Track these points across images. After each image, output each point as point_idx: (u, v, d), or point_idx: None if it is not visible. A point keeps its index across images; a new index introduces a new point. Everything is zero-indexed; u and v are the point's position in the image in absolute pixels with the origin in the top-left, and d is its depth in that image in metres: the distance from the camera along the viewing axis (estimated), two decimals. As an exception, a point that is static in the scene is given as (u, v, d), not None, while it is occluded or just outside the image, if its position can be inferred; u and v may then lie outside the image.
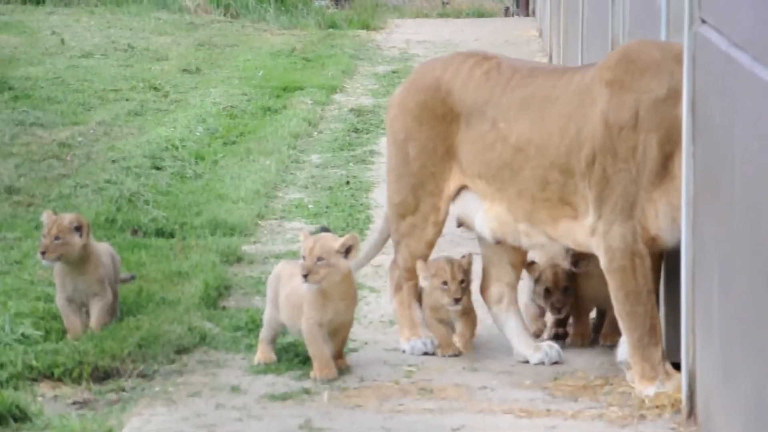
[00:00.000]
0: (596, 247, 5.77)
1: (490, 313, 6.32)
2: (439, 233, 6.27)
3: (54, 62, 14.72)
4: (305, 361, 6.14)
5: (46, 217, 6.45)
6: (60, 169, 9.91)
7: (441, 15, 21.16)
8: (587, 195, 5.76)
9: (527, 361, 6.13)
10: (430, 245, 6.24)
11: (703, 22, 5.26)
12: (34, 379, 5.95)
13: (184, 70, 14.61)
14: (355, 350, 6.33)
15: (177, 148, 10.48)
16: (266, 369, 6.03)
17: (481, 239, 6.25)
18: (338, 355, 6.02)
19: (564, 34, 12.88)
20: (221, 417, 5.57)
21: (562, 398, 5.75)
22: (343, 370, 5.98)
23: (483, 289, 6.31)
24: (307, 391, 5.82)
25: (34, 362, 6.01)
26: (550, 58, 14.75)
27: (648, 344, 5.65)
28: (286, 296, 6.00)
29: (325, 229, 6.19)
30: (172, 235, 8.25)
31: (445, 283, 6.13)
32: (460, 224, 6.29)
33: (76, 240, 6.38)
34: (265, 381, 5.89)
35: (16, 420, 5.48)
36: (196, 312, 6.69)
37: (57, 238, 6.35)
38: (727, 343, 4.80)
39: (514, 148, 5.92)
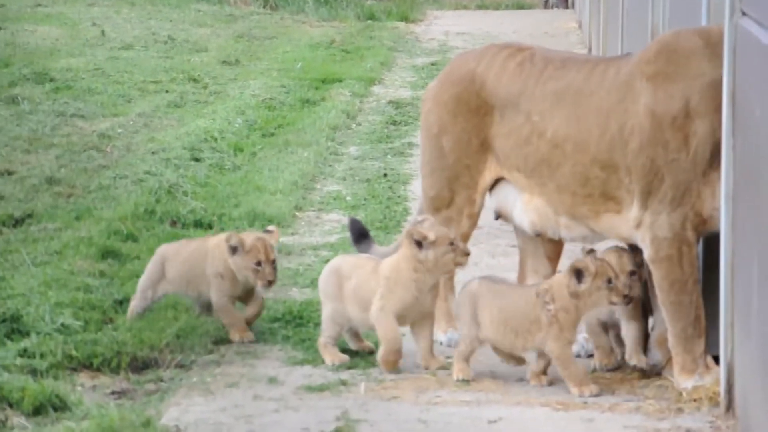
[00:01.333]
0: (641, 239, 5.74)
1: None
2: (474, 225, 6.26)
3: (94, 54, 14.80)
4: (343, 352, 6.15)
5: (253, 240, 6.25)
6: (100, 160, 9.97)
7: (480, 7, 21.12)
8: (632, 189, 5.73)
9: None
10: (466, 238, 6.21)
11: (744, 14, 5.23)
12: (74, 369, 5.99)
13: (224, 61, 14.65)
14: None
15: (216, 140, 10.51)
16: (303, 360, 6.04)
17: (518, 231, 6.24)
18: (430, 355, 5.93)
19: (603, 25, 12.82)
20: (258, 408, 5.59)
21: (599, 391, 5.73)
22: (440, 369, 5.90)
23: (519, 281, 6.31)
24: (344, 383, 5.83)
25: (73, 352, 6.05)
26: (590, 50, 14.70)
27: (691, 336, 5.62)
28: (354, 289, 5.93)
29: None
30: (210, 227, 8.28)
31: (610, 281, 5.67)
32: (498, 216, 6.27)
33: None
34: (302, 372, 5.90)
35: (56, 409, 5.52)
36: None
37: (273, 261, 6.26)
38: (766, 337, 4.77)
39: (551, 143, 5.90)
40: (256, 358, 6.11)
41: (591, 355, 6.08)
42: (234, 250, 6.26)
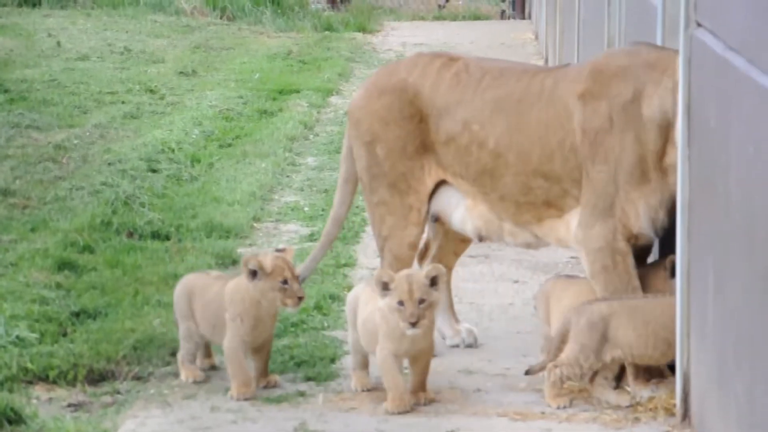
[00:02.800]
0: (579, 253, 5.86)
1: None
2: (421, 233, 6.22)
3: (50, 65, 14.72)
4: (300, 363, 6.14)
5: (273, 260, 5.76)
6: (56, 172, 9.91)
7: (437, 18, 21.17)
8: (575, 195, 5.85)
9: (444, 338, 6.34)
10: (413, 247, 6.20)
11: (699, 25, 5.27)
12: (29, 382, 5.95)
13: (181, 72, 14.61)
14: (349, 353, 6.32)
15: (173, 151, 10.47)
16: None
17: (432, 227, 6.33)
18: (420, 387, 5.70)
19: (560, 36, 12.88)
20: (216, 419, 5.57)
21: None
22: (426, 403, 5.68)
23: (420, 260, 6.40)
24: (302, 394, 5.82)
25: (29, 365, 6.00)
26: (546, 61, 14.76)
27: None
28: (362, 323, 5.79)
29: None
30: (167, 238, 8.25)
31: None
32: (435, 219, 6.27)
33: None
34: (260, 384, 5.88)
35: (10, 422, 5.48)
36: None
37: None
38: (722, 346, 4.80)
39: (493, 153, 5.97)
40: (213, 370, 6.09)
41: (469, 346, 6.29)
42: (254, 274, 5.76)
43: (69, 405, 5.78)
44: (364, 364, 5.90)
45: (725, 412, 4.71)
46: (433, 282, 5.58)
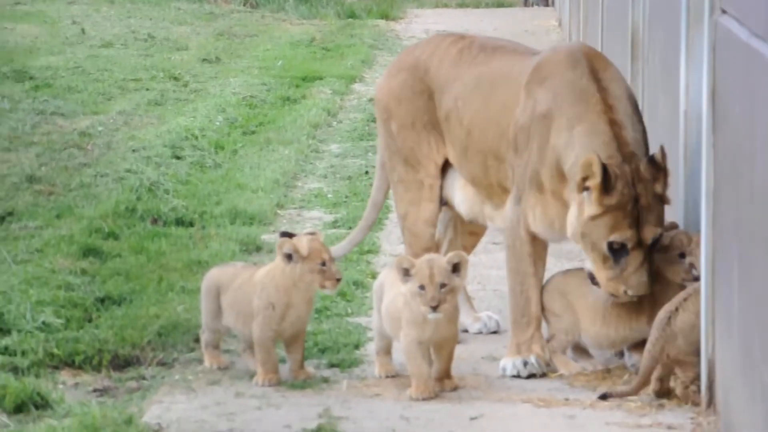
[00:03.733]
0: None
1: None
2: (435, 210, 6.27)
3: (74, 52, 14.76)
4: (324, 350, 6.16)
5: (308, 242, 5.72)
6: (80, 159, 9.95)
7: (460, 5, 21.13)
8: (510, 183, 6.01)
9: (466, 330, 6.34)
10: (429, 223, 6.26)
11: (724, 11, 5.25)
12: (55, 367, 5.98)
13: (204, 59, 14.63)
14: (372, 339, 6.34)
15: (197, 138, 10.50)
16: (284, 358, 6.03)
17: (447, 216, 6.40)
18: (445, 374, 5.69)
19: (583, 23, 12.85)
20: (241, 405, 5.59)
21: (581, 388, 5.75)
22: (450, 390, 5.68)
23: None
24: (326, 380, 5.83)
25: (55, 350, 6.04)
26: (570, 49, 14.70)
27: (520, 322, 5.89)
28: (385, 307, 5.79)
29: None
30: (191, 225, 8.27)
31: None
32: (444, 203, 6.34)
33: None
34: (284, 369, 5.90)
35: (37, 407, 5.51)
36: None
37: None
38: (747, 333, 4.79)
39: (466, 130, 6.10)
40: (237, 356, 6.11)
41: (494, 332, 6.31)
42: (289, 257, 5.73)
43: (94, 390, 5.81)
44: (387, 350, 5.90)
45: (751, 400, 4.71)
46: (455, 268, 5.59)
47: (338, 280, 5.75)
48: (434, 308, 5.53)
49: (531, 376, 5.81)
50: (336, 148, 10.67)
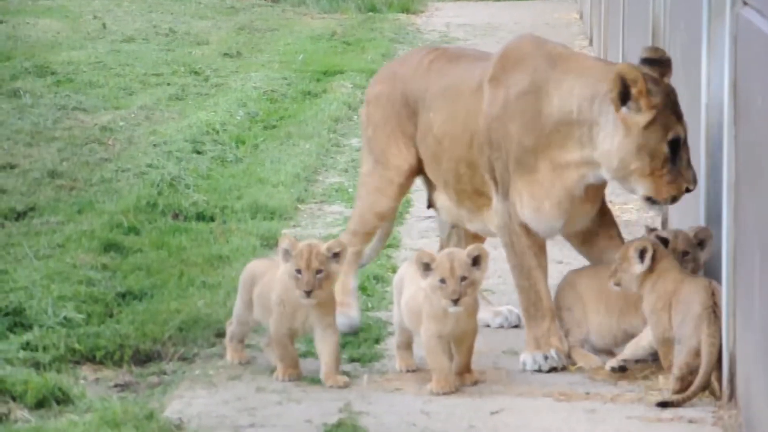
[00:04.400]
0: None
1: None
2: (392, 209, 6.45)
3: (96, 47, 14.79)
4: (344, 344, 6.16)
5: (301, 246, 5.67)
6: (102, 154, 9.97)
7: (481, -2, 21.09)
8: (490, 185, 6.10)
9: (488, 325, 6.38)
10: (380, 217, 6.44)
11: (745, 3, 5.22)
12: (77, 362, 6.00)
13: (225, 54, 14.64)
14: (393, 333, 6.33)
15: (218, 132, 10.51)
16: (305, 352, 6.03)
17: (439, 222, 6.61)
18: (465, 368, 5.68)
19: (605, 16, 12.81)
20: (261, 400, 5.60)
21: (602, 382, 5.74)
22: (471, 384, 5.67)
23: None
24: (346, 375, 5.83)
25: (76, 345, 6.05)
26: (591, 42, 14.68)
27: (534, 316, 5.91)
28: (405, 302, 5.80)
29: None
30: (212, 219, 8.28)
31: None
32: (430, 205, 6.51)
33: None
34: (304, 364, 5.90)
35: (58, 402, 5.53)
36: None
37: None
38: (768, 327, 4.77)
39: (436, 139, 6.26)
40: (258, 351, 6.11)
41: (515, 326, 6.36)
42: (287, 255, 5.71)
43: (116, 385, 5.82)
44: (408, 344, 5.90)
45: (772, 394, 4.68)
46: (475, 261, 5.59)
47: (306, 292, 5.62)
48: (455, 301, 5.52)
49: (552, 369, 5.80)
50: (357, 143, 10.67)
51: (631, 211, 8.73)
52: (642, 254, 5.65)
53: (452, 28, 17.53)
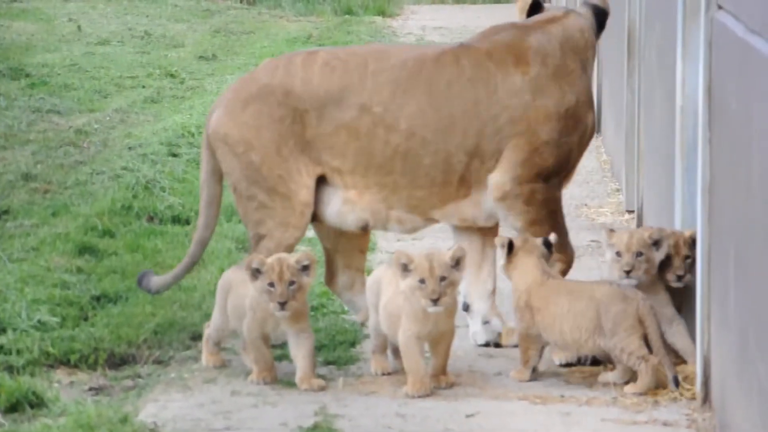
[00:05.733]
0: (510, 210, 6.07)
1: (341, 300, 6.42)
2: (300, 236, 6.12)
3: (70, 49, 14.75)
4: (320, 347, 6.15)
5: (271, 261, 5.65)
6: (76, 156, 9.94)
7: (457, 1, 21.13)
8: (489, 169, 6.04)
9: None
10: (290, 249, 6.08)
11: (720, 7, 5.24)
12: (51, 366, 5.97)
13: (201, 57, 14.62)
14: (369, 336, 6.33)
15: (193, 135, 10.49)
16: (281, 355, 6.02)
17: (321, 232, 6.30)
18: (441, 370, 5.67)
19: (580, 20, 12.80)
20: (237, 403, 5.58)
21: (576, 385, 5.75)
22: (446, 386, 5.68)
23: (329, 279, 6.35)
24: (322, 378, 5.82)
25: (50, 349, 6.03)
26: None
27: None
28: (383, 306, 5.77)
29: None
30: (188, 222, 8.26)
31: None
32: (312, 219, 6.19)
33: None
34: (279, 368, 5.89)
35: (32, 406, 5.50)
36: (211, 298, 6.70)
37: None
38: (743, 329, 4.78)
39: (404, 134, 6.02)
40: (234, 354, 6.10)
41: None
42: (256, 274, 5.66)
43: (90, 389, 5.80)
44: (384, 348, 5.89)
45: (747, 396, 4.70)
46: (456, 263, 5.59)
47: (280, 304, 5.60)
48: (435, 301, 5.52)
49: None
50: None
51: (606, 214, 8.75)
52: (503, 247, 5.79)
53: (428, 31, 17.54)
